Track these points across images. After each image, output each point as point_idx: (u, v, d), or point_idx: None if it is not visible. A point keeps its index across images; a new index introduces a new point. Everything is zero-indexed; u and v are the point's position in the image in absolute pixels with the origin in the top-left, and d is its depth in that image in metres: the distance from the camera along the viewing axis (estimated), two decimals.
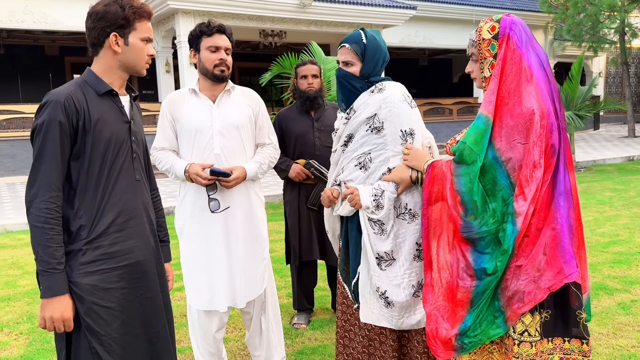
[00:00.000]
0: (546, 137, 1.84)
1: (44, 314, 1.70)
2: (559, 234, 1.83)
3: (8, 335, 3.71)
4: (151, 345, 1.88)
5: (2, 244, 6.65)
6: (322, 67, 8.36)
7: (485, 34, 1.92)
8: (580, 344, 1.86)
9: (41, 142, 1.71)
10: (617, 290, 4.16)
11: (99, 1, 1.87)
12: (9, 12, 13.17)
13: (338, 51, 2.35)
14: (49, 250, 1.68)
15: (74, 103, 1.75)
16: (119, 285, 1.80)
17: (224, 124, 2.64)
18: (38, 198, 1.69)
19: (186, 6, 12.74)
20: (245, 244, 2.69)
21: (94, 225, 1.76)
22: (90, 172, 1.77)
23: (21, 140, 13.13)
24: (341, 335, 2.47)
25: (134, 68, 1.88)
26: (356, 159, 2.29)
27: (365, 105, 2.27)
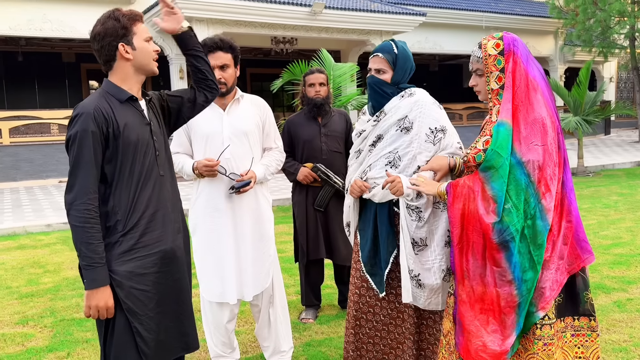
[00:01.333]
0: (557, 138, 2.07)
1: (90, 303, 1.90)
2: (575, 224, 2.10)
3: (33, 328, 3.94)
4: (179, 322, 2.11)
5: (24, 244, 6.92)
6: (332, 73, 8.62)
7: (490, 51, 2.13)
8: (588, 321, 2.12)
9: (77, 150, 1.91)
10: (614, 289, 4.30)
11: (95, 23, 2.05)
12: (28, 21, 13.55)
13: (370, 60, 2.58)
14: (91, 246, 1.88)
15: (102, 113, 1.95)
16: (152, 270, 2.01)
17: (234, 131, 2.85)
18: (77, 201, 1.89)
19: (200, 14, 13.04)
20: (253, 241, 2.90)
21: (128, 219, 1.97)
22: (122, 173, 1.98)
23: (39, 145, 13.48)
24: (352, 324, 2.68)
25: (147, 67, 2.08)
26: (385, 157, 2.50)
27: (397, 108, 2.50)
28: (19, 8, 13.36)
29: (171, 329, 2.08)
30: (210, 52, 2.78)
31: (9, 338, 3.74)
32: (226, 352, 3.06)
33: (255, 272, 2.92)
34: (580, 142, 12.31)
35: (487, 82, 2.17)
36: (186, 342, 2.15)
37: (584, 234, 2.14)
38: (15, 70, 17.24)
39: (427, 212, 2.41)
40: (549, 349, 2.02)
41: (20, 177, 13.19)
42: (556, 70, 22.16)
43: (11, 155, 13.18)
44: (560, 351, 2.07)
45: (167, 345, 2.07)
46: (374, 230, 2.58)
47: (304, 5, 13.99)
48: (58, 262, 5.90)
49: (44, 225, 7.91)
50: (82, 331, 3.82)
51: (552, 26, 20.78)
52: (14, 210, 9.24)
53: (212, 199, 2.85)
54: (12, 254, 6.36)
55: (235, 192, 2.80)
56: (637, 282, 4.45)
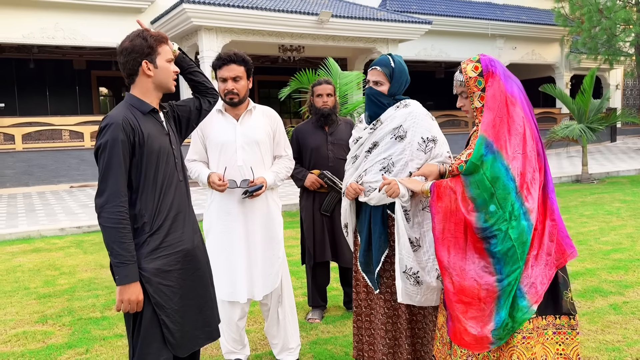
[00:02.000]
0: (536, 146, 2.28)
1: (122, 297, 2.07)
2: (558, 222, 2.30)
3: (52, 326, 4.13)
4: (202, 313, 2.28)
5: (39, 247, 7.12)
6: (338, 81, 8.81)
7: (470, 73, 2.35)
8: (568, 319, 2.27)
9: (107, 157, 2.08)
10: (611, 293, 4.44)
11: (124, 39, 2.25)
12: (41, 29, 13.86)
13: (369, 72, 2.80)
14: (123, 245, 2.05)
15: (129, 123, 2.13)
16: (176, 267, 2.19)
17: (246, 140, 3.05)
18: (109, 204, 2.05)
19: (209, 23, 13.29)
20: (263, 244, 3.09)
21: (153, 221, 2.15)
22: (147, 178, 2.16)
23: (51, 150, 13.74)
24: (359, 324, 2.88)
25: (166, 85, 2.27)
26: (379, 163, 2.71)
27: (392, 117, 2.72)
28: (33, 17, 13.67)
29: (195, 321, 2.26)
30: (225, 64, 2.97)
31: (30, 335, 3.92)
32: (237, 349, 3.23)
33: (265, 273, 3.09)
34: (584, 149, 12.41)
35: (471, 102, 2.38)
36: (210, 332, 2.33)
37: (566, 231, 2.34)
38: (27, 78, 17.57)
39: (411, 213, 2.62)
40: (527, 342, 2.20)
41: (32, 182, 13.45)
42: (562, 77, 22.27)
43: (24, 160, 13.45)
44: (541, 347, 2.23)
45: (192, 336, 2.25)
46: (368, 231, 2.78)
47: (311, 13, 14.22)
48: (73, 264, 6.09)
49: (58, 229, 8.12)
50: (99, 329, 4.00)
51: (558, 34, 20.91)
52: (28, 215, 9.47)
53: (225, 203, 3.04)
54: (28, 257, 6.56)
55: (248, 196, 2.99)
56: (634, 286, 4.59)
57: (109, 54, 17.24)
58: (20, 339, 3.86)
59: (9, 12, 13.36)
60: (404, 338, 2.74)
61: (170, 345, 2.15)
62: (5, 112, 16.95)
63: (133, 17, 14.71)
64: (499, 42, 20.31)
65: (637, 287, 4.56)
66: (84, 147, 14.06)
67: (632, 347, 3.39)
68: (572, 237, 6.48)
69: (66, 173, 13.79)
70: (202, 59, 13.44)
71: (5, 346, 3.75)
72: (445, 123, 19.68)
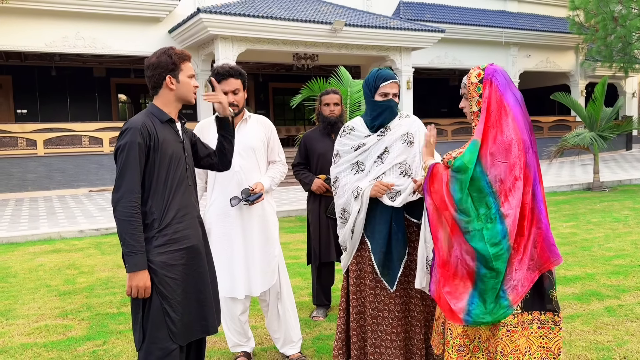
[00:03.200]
0: (523, 157, 2.44)
1: (131, 283, 2.31)
2: (544, 231, 2.45)
3: (72, 320, 4.39)
4: (200, 308, 2.49)
5: (59, 248, 7.43)
6: (349, 89, 9.02)
7: (473, 79, 2.53)
8: (552, 316, 2.45)
9: (125, 157, 2.33)
10: (608, 296, 4.57)
11: (151, 55, 2.51)
12: (63, 38, 14.31)
13: (388, 85, 2.92)
14: (134, 236, 2.29)
15: (147, 128, 2.37)
16: (181, 262, 2.41)
17: (243, 147, 3.25)
18: (124, 199, 2.30)
19: (225, 32, 13.62)
20: (260, 244, 3.31)
21: (162, 218, 2.38)
22: (159, 180, 2.39)
23: (71, 155, 14.15)
24: (362, 327, 2.98)
25: (186, 98, 2.53)
26: (397, 167, 2.90)
27: (399, 125, 2.95)
28: (55, 26, 14.14)
29: (194, 314, 2.47)
30: (224, 79, 3.18)
31: (51, 328, 4.18)
32: (242, 341, 3.45)
33: (262, 271, 3.32)
34: (596, 157, 12.45)
35: (470, 105, 2.56)
36: (206, 325, 2.53)
37: (553, 239, 2.49)
38: (49, 85, 18.09)
39: None
40: (511, 335, 2.39)
41: (53, 186, 13.85)
42: (577, 85, 22.24)
43: (45, 165, 13.87)
44: (525, 339, 2.42)
45: (190, 327, 2.46)
46: (388, 236, 2.88)
47: (325, 23, 14.47)
48: (91, 264, 6.37)
49: (77, 231, 8.43)
50: (116, 324, 4.24)
51: (573, 42, 20.91)
52: (49, 217, 9.81)
53: (223, 206, 3.25)
54: (49, 257, 6.86)
55: (248, 204, 3.20)
56: (631, 291, 4.71)
57: (128, 62, 17.70)
58: (43, 332, 4.12)
59: (32, 22, 13.84)
60: (418, 329, 2.90)
61: (171, 334, 2.36)
62: (27, 118, 17.48)
63: (152, 26, 15.12)
64: (513, 50, 20.38)
65: (635, 291, 4.68)
66: (103, 152, 14.45)
67: (621, 347, 3.53)
68: (576, 243, 6.64)
69: (85, 177, 14.19)
70: None
71: (29, 337, 4.01)
72: (458, 130, 19.77)
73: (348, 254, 3.03)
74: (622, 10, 17.77)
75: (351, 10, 16.62)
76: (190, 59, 2.56)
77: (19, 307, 4.76)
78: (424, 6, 19.80)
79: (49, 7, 13.63)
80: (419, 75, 19.98)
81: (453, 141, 18.74)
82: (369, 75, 3.01)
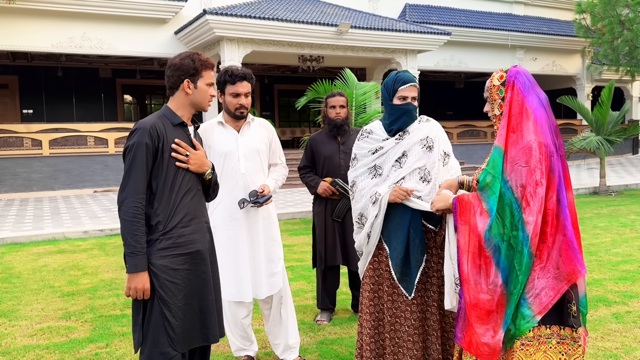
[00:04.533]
0: (546, 161, 2.34)
1: (130, 284, 2.28)
2: (569, 238, 2.33)
3: (75, 322, 4.37)
4: (202, 315, 2.45)
5: (63, 249, 7.42)
6: (355, 92, 8.99)
7: (495, 82, 2.47)
8: (571, 332, 2.33)
9: (132, 158, 2.31)
10: (615, 302, 4.52)
11: (176, 55, 2.49)
12: (69, 38, 14.34)
13: (407, 89, 2.87)
14: (136, 237, 2.26)
15: (156, 130, 2.35)
16: (184, 267, 2.37)
17: (248, 149, 3.26)
18: (128, 199, 2.28)
19: (231, 34, 13.63)
20: (265, 245, 3.30)
21: (168, 222, 2.35)
22: (166, 182, 2.36)
23: (76, 156, 14.18)
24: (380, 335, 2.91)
25: (200, 105, 2.51)
26: (417, 172, 2.84)
27: (418, 129, 2.90)
28: (61, 26, 14.17)
29: (195, 321, 2.42)
30: (239, 80, 3.17)
31: (54, 330, 4.17)
32: (246, 345, 3.42)
33: (269, 273, 3.30)
34: (602, 161, 12.38)
35: (492, 108, 2.51)
36: (206, 334, 2.48)
37: (580, 248, 2.37)
38: (55, 85, 18.14)
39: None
40: (526, 349, 2.31)
41: (58, 186, 13.88)
42: (583, 89, 22.15)
43: (50, 165, 13.90)
44: (543, 354, 2.32)
45: (191, 334, 2.42)
46: (406, 242, 2.82)
47: (331, 25, 14.46)
48: (95, 265, 6.36)
49: (82, 232, 8.43)
50: (119, 326, 4.22)
51: (579, 45, 20.83)
52: (53, 218, 9.82)
53: (229, 209, 3.23)
54: (53, 257, 6.86)
55: (257, 206, 3.18)
56: (639, 297, 4.65)
57: (134, 62, 17.74)
58: (45, 333, 4.10)
59: (39, 22, 13.87)
60: (435, 338, 2.83)
61: (170, 340, 2.32)
62: (33, 119, 17.53)
63: (158, 28, 15.15)
64: (519, 53, 20.32)
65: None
66: (108, 153, 14.48)
67: (629, 354, 3.49)
68: (583, 248, 6.51)
69: (90, 178, 14.21)
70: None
71: (31, 339, 3.99)
72: (464, 133, 19.72)
73: (364, 259, 2.98)
74: (629, 14, 17.66)
75: (357, 12, 16.59)
76: (214, 68, 2.53)
77: (22, 308, 4.75)
78: (429, 9, 19.75)
79: (56, 7, 13.66)
80: (424, 78, 19.94)
81: (459, 144, 18.69)
82: (387, 78, 2.95)
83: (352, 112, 8.91)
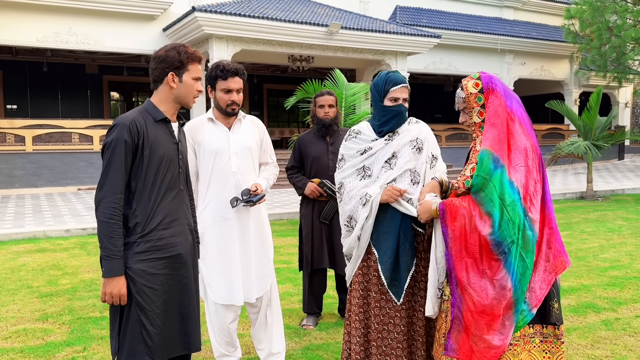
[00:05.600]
0: (537, 160, 2.40)
1: (105, 289, 2.17)
2: (555, 230, 2.40)
3: (52, 324, 4.22)
4: (183, 322, 2.33)
5: (44, 248, 7.25)
6: (345, 92, 8.91)
7: (471, 90, 2.44)
8: (554, 329, 2.36)
9: (110, 155, 2.19)
10: (604, 309, 4.47)
11: (161, 47, 2.37)
12: (55, 33, 14.10)
13: (398, 90, 2.77)
14: (112, 240, 2.15)
15: (136, 126, 2.23)
16: (164, 271, 2.26)
17: (239, 147, 3.14)
18: (105, 199, 2.16)
19: (220, 32, 13.48)
20: (256, 247, 3.20)
21: (147, 223, 2.23)
22: (146, 181, 2.24)
23: (60, 153, 13.93)
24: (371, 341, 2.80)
25: (184, 100, 2.38)
26: (408, 174, 2.77)
27: (408, 130, 2.83)
28: (47, 21, 13.92)
29: (175, 328, 2.30)
30: (231, 76, 3.06)
31: (30, 332, 4.02)
32: (230, 351, 3.30)
33: (258, 274, 3.20)
34: (589, 166, 12.42)
35: (470, 116, 2.47)
36: (188, 342, 2.36)
37: (561, 239, 2.45)
38: (40, 80, 17.84)
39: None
40: (514, 349, 2.30)
41: (41, 183, 13.63)
42: (571, 94, 22.28)
43: (33, 162, 13.65)
44: (527, 354, 2.33)
45: (170, 342, 2.30)
46: (396, 246, 2.72)
47: (321, 25, 14.37)
48: (76, 265, 6.20)
49: (63, 230, 8.24)
50: (98, 329, 4.09)
51: (568, 50, 20.95)
52: (35, 215, 9.61)
53: (220, 208, 3.11)
54: (33, 256, 6.68)
55: (250, 205, 3.07)
56: (627, 303, 4.61)
57: (121, 59, 17.51)
58: (21, 336, 3.95)
59: (23, 16, 13.62)
60: (420, 344, 2.76)
61: (147, 348, 2.20)
62: (17, 114, 17.22)
63: (146, 24, 14.95)
64: (508, 57, 20.38)
65: (631, 304, 4.58)
66: (93, 150, 14.24)
67: None
68: (571, 253, 6.54)
69: (74, 175, 13.98)
70: None
71: (5, 342, 3.85)
72: (452, 136, 19.73)
73: (352, 263, 2.86)
74: (617, 21, 17.81)
75: (347, 13, 16.53)
76: (201, 61, 2.41)
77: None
78: (420, 11, 19.75)
79: (41, 1, 13.41)
80: (414, 81, 19.93)
81: (447, 147, 18.68)
82: (377, 78, 2.84)
83: (342, 113, 8.83)
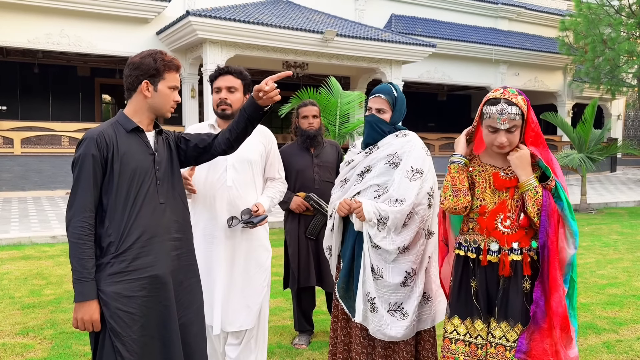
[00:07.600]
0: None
1: (76, 315, 2.01)
2: None
3: (33, 339, 4.04)
4: (165, 348, 2.15)
5: (28, 255, 7.04)
6: (340, 100, 8.78)
7: (523, 104, 2.29)
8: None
9: (78, 171, 2.04)
10: (605, 330, 4.35)
11: (137, 54, 2.22)
12: (46, 35, 13.90)
13: (371, 100, 2.80)
14: (82, 262, 1.99)
15: (104, 139, 2.08)
16: (141, 294, 2.08)
17: (238, 159, 2.85)
18: (75, 218, 2.01)
19: (214, 37, 13.33)
20: (247, 273, 2.89)
21: (121, 242, 2.06)
22: (119, 197, 2.08)
23: (49, 156, 13.70)
24: (337, 353, 2.83)
25: (160, 111, 2.22)
26: (374, 189, 2.71)
27: (389, 144, 2.74)
28: (38, 22, 13.73)
29: (155, 354, 2.12)
30: (221, 75, 2.90)
31: (9, 348, 3.83)
32: None
33: (242, 305, 2.89)
34: (583, 179, 12.38)
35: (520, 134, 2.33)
36: None
37: None
38: (31, 82, 17.59)
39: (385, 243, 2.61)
40: None
41: (28, 187, 13.39)
42: (564, 105, 22.33)
43: (21, 165, 13.41)
44: None
45: None
46: (351, 257, 2.76)
47: (317, 32, 14.27)
48: (61, 274, 6.01)
49: (49, 237, 8.04)
50: (81, 345, 3.91)
51: (561, 62, 21.01)
52: (21, 220, 9.39)
53: (209, 226, 2.86)
54: (17, 264, 6.48)
55: (250, 226, 2.82)
56: (628, 324, 4.50)
57: (114, 62, 17.28)
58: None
59: (15, 17, 13.41)
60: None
61: None
62: (6, 116, 16.94)
63: (139, 27, 14.79)
64: (502, 67, 20.39)
65: (632, 325, 4.47)
66: None
67: None
68: None
69: (63, 179, 13.73)
70: (206, 71, 13.46)
71: None
72: (445, 145, 19.68)
73: (334, 273, 2.98)
74: (612, 33, 17.86)
75: (343, 20, 16.45)
76: (179, 69, 2.25)
77: None
78: (415, 20, 19.72)
79: (33, 2, 13.22)
80: (408, 89, 19.85)
81: (440, 156, 18.61)
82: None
83: (337, 121, 8.71)
